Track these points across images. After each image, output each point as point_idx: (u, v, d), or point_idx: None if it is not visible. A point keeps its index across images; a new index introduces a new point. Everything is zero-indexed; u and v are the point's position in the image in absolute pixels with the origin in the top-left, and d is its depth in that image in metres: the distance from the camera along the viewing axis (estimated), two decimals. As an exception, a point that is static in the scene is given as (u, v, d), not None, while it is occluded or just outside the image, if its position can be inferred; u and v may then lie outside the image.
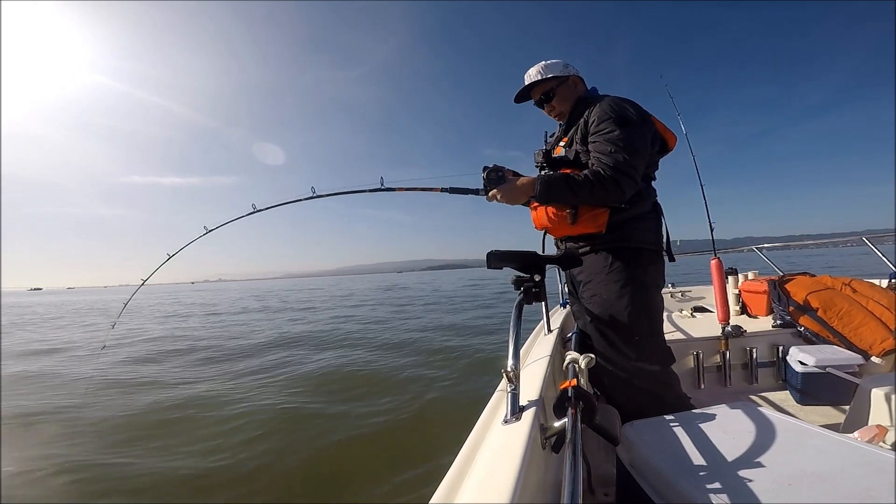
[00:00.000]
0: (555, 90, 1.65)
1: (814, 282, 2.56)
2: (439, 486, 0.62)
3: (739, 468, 0.80)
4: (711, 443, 0.92)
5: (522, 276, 1.19)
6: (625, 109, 1.45)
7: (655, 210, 1.59)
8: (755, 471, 0.78)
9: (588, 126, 1.49)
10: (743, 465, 0.81)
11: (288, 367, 6.02)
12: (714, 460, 0.84)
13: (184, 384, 5.30)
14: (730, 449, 0.88)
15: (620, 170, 1.36)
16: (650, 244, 1.53)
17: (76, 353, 8.10)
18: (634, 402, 1.46)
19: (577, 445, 0.69)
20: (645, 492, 0.86)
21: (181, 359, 7.10)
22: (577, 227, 1.52)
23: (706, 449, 0.89)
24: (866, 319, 2.17)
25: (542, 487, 0.76)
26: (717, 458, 0.85)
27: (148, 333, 10.62)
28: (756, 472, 0.78)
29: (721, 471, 0.80)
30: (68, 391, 5.18)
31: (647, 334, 1.49)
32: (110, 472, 2.99)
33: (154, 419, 4.05)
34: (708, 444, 0.91)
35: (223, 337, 9.48)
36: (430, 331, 9.04)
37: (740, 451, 0.87)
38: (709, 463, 0.84)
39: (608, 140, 1.40)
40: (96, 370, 6.34)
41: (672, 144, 1.61)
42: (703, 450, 0.89)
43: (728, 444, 0.90)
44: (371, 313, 13.65)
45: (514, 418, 0.80)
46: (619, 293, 1.46)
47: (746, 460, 0.83)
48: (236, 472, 2.89)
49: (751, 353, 2.37)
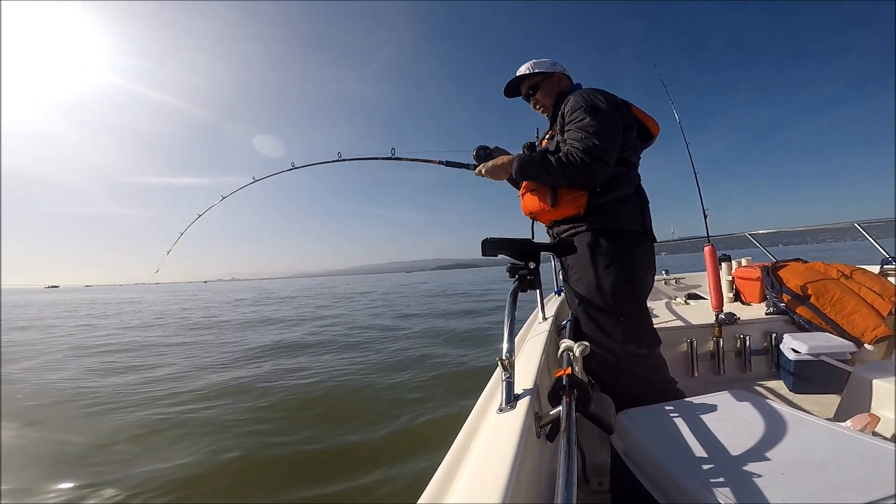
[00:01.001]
0: (539, 84, 1.73)
1: (806, 268, 2.57)
2: (434, 474, 0.62)
3: (733, 457, 0.80)
4: (705, 431, 0.92)
5: (517, 264, 1.18)
6: (595, 98, 1.51)
7: (638, 194, 1.62)
8: (749, 459, 0.78)
9: (564, 118, 1.55)
10: (736, 453, 0.81)
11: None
12: (708, 449, 0.84)
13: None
14: (723, 437, 0.88)
15: (591, 153, 1.41)
16: (635, 226, 1.56)
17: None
18: (622, 384, 1.48)
19: (572, 434, 0.68)
20: (639, 480, 0.86)
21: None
22: (558, 210, 1.57)
23: (700, 437, 0.89)
24: (858, 306, 2.19)
25: (537, 476, 0.75)
26: (711, 447, 0.85)
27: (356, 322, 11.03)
28: (749, 460, 0.78)
29: (715, 459, 0.80)
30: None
31: (635, 316, 1.51)
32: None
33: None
34: (702, 433, 0.91)
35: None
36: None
37: (734, 439, 0.87)
38: (703, 451, 0.83)
39: (579, 127, 1.46)
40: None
41: (654, 131, 1.67)
42: (696, 438, 0.89)
43: (722, 433, 0.90)
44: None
45: (509, 407, 0.79)
46: (604, 274, 1.48)
47: (740, 449, 0.83)
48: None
49: (744, 340, 2.39)
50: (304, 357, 6.58)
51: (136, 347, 8.27)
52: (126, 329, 11.79)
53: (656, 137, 1.69)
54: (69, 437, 3.65)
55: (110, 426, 3.88)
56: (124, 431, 3.73)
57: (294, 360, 6.29)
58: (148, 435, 3.65)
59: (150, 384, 5.28)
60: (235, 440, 3.42)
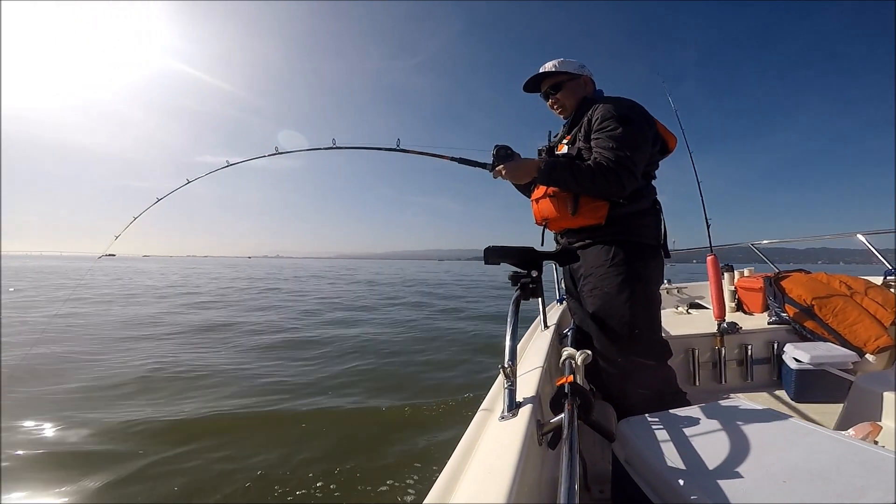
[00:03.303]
0: (564, 83, 1.69)
1: (809, 279, 2.57)
2: (436, 481, 0.62)
3: (735, 465, 0.80)
4: (707, 440, 0.92)
5: (519, 272, 1.19)
6: (627, 109, 1.50)
7: (655, 207, 1.63)
8: (751, 468, 0.78)
9: (591, 124, 1.54)
10: (738, 462, 0.81)
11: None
12: (709, 457, 0.84)
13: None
14: (725, 446, 0.88)
15: (622, 164, 1.40)
16: (651, 239, 1.56)
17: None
18: (632, 397, 1.47)
19: (574, 442, 0.69)
20: (640, 488, 0.86)
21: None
22: (577, 219, 1.55)
23: (701, 446, 0.89)
24: (861, 317, 2.18)
25: (539, 484, 0.75)
26: (713, 456, 0.85)
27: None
28: (751, 469, 0.78)
29: (716, 468, 0.80)
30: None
31: (647, 328, 1.50)
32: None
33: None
34: (703, 441, 0.91)
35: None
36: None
37: (736, 448, 0.87)
38: (704, 460, 0.84)
39: (611, 137, 1.45)
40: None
41: (672, 145, 1.67)
42: (698, 447, 0.89)
43: (723, 442, 0.90)
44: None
45: (511, 414, 0.80)
46: (621, 286, 1.47)
47: (742, 458, 0.83)
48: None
49: (746, 350, 2.38)
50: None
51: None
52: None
53: (672, 152, 1.70)
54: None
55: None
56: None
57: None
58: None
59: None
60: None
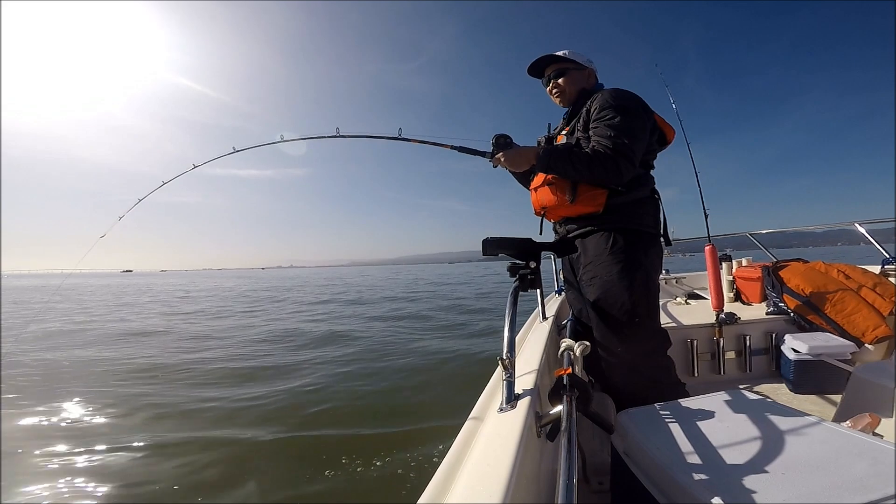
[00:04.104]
0: (569, 71, 1.70)
1: (807, 268, 2.57)
2: (435, 473, 0.61)
3: (734, 457, 0.80)
4: (705, 431, 0.92)
5: (518, 263, 1.18)
6: (625, 99, 1.51)
7: (654, 197, 1.62)
8: (749, 459, 0.78)
9: (590, 114, 1.54)
10: (737, 453, 0.81)
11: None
12: (708, 449, 0.84)
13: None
14: (724, 437, 0.88)
15: (620, 152, 1.40)
16: (650, 227, 1.56)
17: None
18: (632, 386, 1.47)
19: (572, 433, 0.68)
20: (639, 480, 0.86)
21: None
22: (575, 207, 1.55)
23: (700, 437, 0.89)
24: (859, 306, 2.19)
25: (538, 476, 0.75)
26: (711, 447, 0.85)
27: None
28: (750, 460, 0.78)
29: (715, 459, 0.80)
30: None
31: (647, 316, 1.50)
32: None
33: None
34: (702, 433, 0.91)
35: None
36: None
37: (734, 439, 0.87)
38: (703, 451, 0.83)
39: (609, 125, 1.45)
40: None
41: (670, 137, 1.68)
42: (697, 438, 0.89)
43: (722, 433, 0.90)
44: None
45: (510, 406, 0.79)
46: (621, 274, 1.47)
47: (741, 449, 0.83)
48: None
49: (745, 340, 2.39)
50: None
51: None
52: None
53: (670, 143, 1.70)
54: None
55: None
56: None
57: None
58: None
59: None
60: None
